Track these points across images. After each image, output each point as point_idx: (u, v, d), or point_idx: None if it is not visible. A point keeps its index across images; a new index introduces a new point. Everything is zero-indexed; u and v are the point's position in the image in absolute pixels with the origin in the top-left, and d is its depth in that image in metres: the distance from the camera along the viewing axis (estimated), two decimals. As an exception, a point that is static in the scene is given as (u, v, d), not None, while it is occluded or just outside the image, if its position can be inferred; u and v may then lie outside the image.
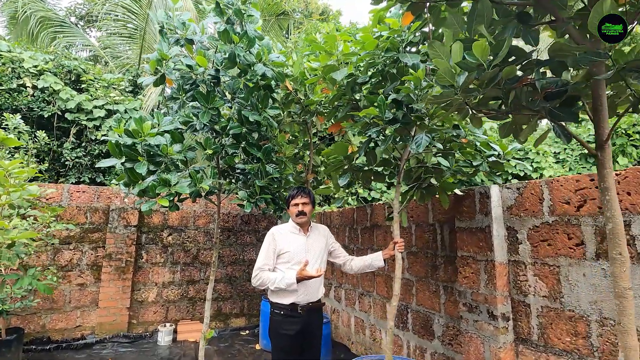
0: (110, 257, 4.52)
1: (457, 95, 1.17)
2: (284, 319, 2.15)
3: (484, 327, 2.30)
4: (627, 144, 6.98)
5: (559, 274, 2.00)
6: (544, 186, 2.12)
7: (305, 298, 2.19)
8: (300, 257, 2.24)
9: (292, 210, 2.32)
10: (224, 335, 4.92)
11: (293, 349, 2.14)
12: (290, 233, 2.31)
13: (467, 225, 2.50)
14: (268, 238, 2.29)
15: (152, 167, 2.63)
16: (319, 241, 2.39)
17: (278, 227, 2.36)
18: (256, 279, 2.21)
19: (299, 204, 2.30)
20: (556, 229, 2.04)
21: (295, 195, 2.33)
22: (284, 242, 2.25)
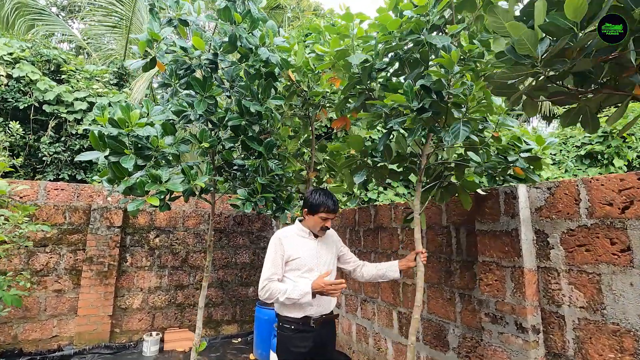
0: (91, 260, 4.16)
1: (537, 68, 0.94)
2: (295, 334, 1.90)
3: (511, 340, 2.10)
4: (623, 145, 6.98)
5: (600, 283, 1.81)
6: (581, 186, 1.93)
7: (319, 310, 1.95)
8: (311, 263, 1.99)
9: (316, 221, 2.03)
10: (215, 343, 4.62)
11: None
12: (298, 237, 2.06)
13: (490, 228, 2.30)
14: (274, 244, 2.01)
15: (140, 161, 2.33)
16: (330, 246, 2.15)
17: (283, 231, 2.10)
18: (264, 291, 1.93)
19: (329, 219, 2.04)
20: (596, 232, 1.85)
21: (331, 209, 2.01)
22: (293, 247, 2.00)
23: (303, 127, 3.54)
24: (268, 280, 1.93)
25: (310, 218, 2.05)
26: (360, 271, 2.29)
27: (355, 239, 4.03)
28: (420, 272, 1.97)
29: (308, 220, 2.06)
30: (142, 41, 2.30)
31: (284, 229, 2.12)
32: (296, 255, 1.98)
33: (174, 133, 2.51)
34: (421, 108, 1.60)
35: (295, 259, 1.97)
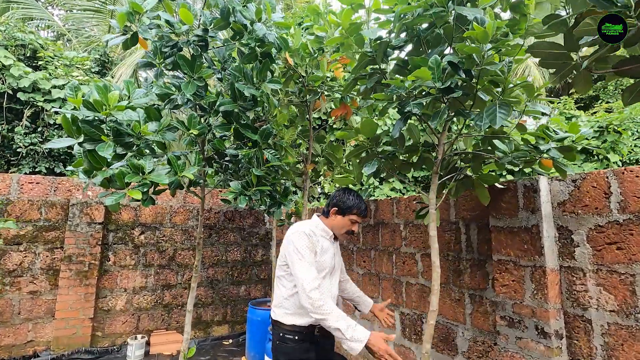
0: (69, 259, 3.87)
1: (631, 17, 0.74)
2: (298, 345, 1.68)
3: (531, 345, 1.93)
4: (619, 140, 6.95)
5: (634, 285, 1.64)
6: (612, 177, 1.76)
7: None
8: (331, 267, 1.81)
9: (345, 223, 1.82)
10: (205, 346, 4.38)
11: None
12: (321, 237, 1.81)
13: (507, 224, 2.12)
14: (304, 241, 1.69)
15: (120, 149, 2.07)
16: (338, 250, 1.99)
17: (306, 227, 1.79)
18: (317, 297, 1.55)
19: (358, 223, 1.86)
20: (629, 229, 1.68)
21: (364, 215, 1.86)
22: (318, 247, 1.74)
23: (300, 116, 3.31)
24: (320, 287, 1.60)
25: (338, 219, 1.83)
26: (344, 285, 2.15)
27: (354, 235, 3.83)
28: (436, 274, 1.78)
29: (336, 221, 1.83)
30: (121, 13, 2.03)
31: (303, 225, 1.82)
32: (320, 256, 1.74)
33: (158, 119, 2.25)
34: (447, 88, 1.39)
35: (318, 262, 1.73)
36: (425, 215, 1.98)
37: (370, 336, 1.48)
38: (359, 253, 3.72)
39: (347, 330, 1.49)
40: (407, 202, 3.14)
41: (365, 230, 3.64)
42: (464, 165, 2.05)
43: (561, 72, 1.01)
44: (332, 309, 1.54)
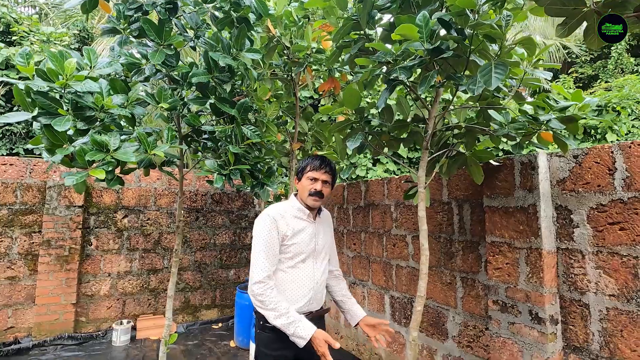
0: (48, 244, 3.71)
1: None
2: (278, 335, 1.55)
3: (524, 331, 1.83)
4: (617, 120, 6.80)
5: (637, 267, 1.52)
6: (617, 152, 1.61)
7: (309, 307, 1.61)
8: (309, 251, 1.62)
9: (304, 185, 1.63)
10: (193, 330, 4.30)
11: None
12: (294, 218, 1.64)
13: (502, 203, 1.98)
14: (267, 226, 1.55)
15: (81, 124, 1.89)
16: (327, 231, 1.78)
17: (276, 208, 1.65)
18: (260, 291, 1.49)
19: (319, 179, 1.61)
20: (635, 208, 1.54)
21: (317, 167, 1.61)
22: (289, 229, 1.58)
23: (286, 92, 3.11)
24: (267, 279, 1.50)
25: (300, 185, 1.66)
26: (332, 282, 1.87)
27: (344, 217, 3.70)
28: (424, 257, 1.64)
29: (299, 188, 1.66)
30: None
31: (276, 206, 1.67)
32: (292, 240, 1.58)
33: (125, 92, 2.06)
34: (437, 49, 1.22)
35: (291, 245, 1.58)
36: (415, 194, 1.84)
37: (314, 333, 1.44)
38: (349, 235, 3.61)
39: (289, 326, 1.45)
40: (398, 183, 3.00)
41: (356, 212, 3.51)
42: (456, 141, 1.89)
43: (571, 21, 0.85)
44: (275, 305, 1.47)
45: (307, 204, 1.62)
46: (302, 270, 1.58)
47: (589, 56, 12.75)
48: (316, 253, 1.64)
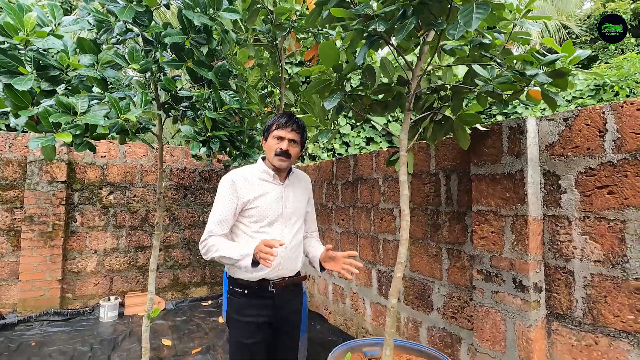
0: (31, 220, 3.64)
1: None
2: (249, 300, 1.51)
3: (507, 299, 1.79)
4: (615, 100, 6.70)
5: (624, 231, 1.47)
6: (608, 113, 1.53)
7: (280, 272, 1.55)
8: (274, 214, 1.55)
9: (270, 145, 1.55)
10: (182, 307, 4.29)
11: (260, 344, 1.52)
12: (259, 180, 1.58)
13: (489, 171, 1.91)
14: (224, 188, 1.54)
15: (45, 85, 1.78)
16: (301, 194, 1.69)
17: (240, 170, 1.61)
18: (202, 246, 1.52)
19: (284, 138, 1.53)
20: (624, 170, 1.48)
21: (283, 125, 1.53)
22: (250, 192, 1.53)
23: (272, 61, 2.99)
24: (209, 234, 1.51)
25: (266, 145, 1.59)
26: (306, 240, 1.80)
27: (333, 193, 3.64)
28: (405, 222, 1.58)
29: (266, 149, 1.59)
30: None
31: (241, 169, 1.63)
32: (255, 203, 1.53)
33: (95, 52, 1.94)
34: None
35: (254, 208, 1.53)
36: (397, 160, 1.76)
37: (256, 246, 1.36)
38: (338, 211, 3.55)
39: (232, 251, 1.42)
40: (387, 155, 2.92)
41: (344, 188, 3.45)
42: (442, 104, 1.80)
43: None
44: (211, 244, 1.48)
45: (274, 164, 1.55)
46: (270, 235, 1.51)
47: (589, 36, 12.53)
48: (284, 217, 1.56)
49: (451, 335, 2.27)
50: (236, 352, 1.51)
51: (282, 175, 1.61)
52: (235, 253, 1.41)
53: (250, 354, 1.49)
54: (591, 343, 1.56)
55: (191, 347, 3.18)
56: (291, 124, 1.53)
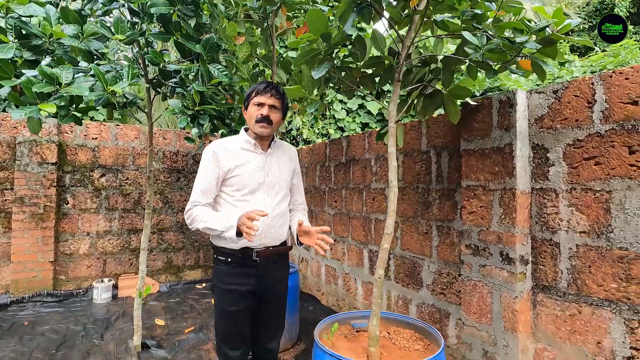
0: (22, 201, 3.61)
1: None
2: (232, 269, 1.52)
3: (494, 272, 1.80)
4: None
5: (610, 202, 1.48)
6: (597, 83, 1.52)
7: (263, 241, 1.55)
8: (255, 183, 1.55)
9: (251, 112, 1.55)
10: (176, 289, 4.31)
11: (244, 312, 1.53)
12: (240, 149, 1.58)
13: (479, 145, 1.91)
14: (207, 158, 1.55)
15: (28, 54, 1.74)
16: (284, 164, 1.68)
17: (221, 141, 1.60)
18: (187, 216, 1.53)
19: (265, 104, 1.53)
20: (611, 140, 1.48)
21: (262, 90, 1.54)
22: (232, 161, 1.54)
23: (263, 39, 2.94)
24: (194, 204, 1.52)
25: (247, 113, 1.59)
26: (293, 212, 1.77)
27: (326, 175, 3.63)
28: (392, 194, 1.58)
29: (247, 117, 1.59)
30: None
31: (222, 139, 1.63)
32: (236, 172, 1.53)
33: (79, 23, 1.89)
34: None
35: (234, 177, 1.53)
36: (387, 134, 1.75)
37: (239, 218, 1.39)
38: (331, 193, 3.55)
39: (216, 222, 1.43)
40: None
41: (337, 169, 3.44)
42: (432, 77, 1.79)
43: None
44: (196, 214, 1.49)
45: (255, 132, 1.55)
46: (252, 204, 1.51)
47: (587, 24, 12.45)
48: (266, 185, 1.56)
49: (440, 310, 2.30)
50: (220, 319, 1.53)
51: (264, 144, 1.61)
52: (220, 224, 1.42)
53: (234, 322, 1.50)
54: (575, 313, 1.58)
55: (184, 326, 3.20)
56: (270, 89, 1.53)
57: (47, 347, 2.75)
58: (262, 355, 1.65)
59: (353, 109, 6.31)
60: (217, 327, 1.56)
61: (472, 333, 1.91)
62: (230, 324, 1.50)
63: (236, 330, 1.52)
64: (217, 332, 1.57)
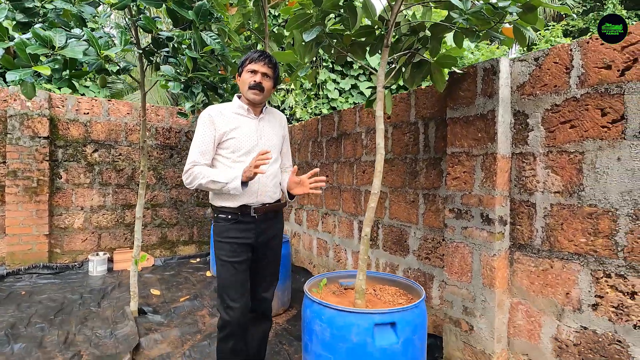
0: (15, 174, 3.63)
1: None
2: (233, 225, 1.59)
3: (475, 233, 1.91)
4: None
5: (582, 163, 1.57)
6: (575, 50, 1.60)
7: (260, 198, 1.63)
8: (249, 145, 1.62)
9: (244, 79, 1.62)
10: (171, 263, 4.40)
11: (243, 263, 1.61)
12: (234, 114, 1.65)
13: (463, 113, 1.98)
14: (202, 122, 1.61)
15: (20, 16, 1.75)
16: (276, 129, 1.76)
17: (216, 106, 1.68)
18: (186, 176, 1.60)
19: (257, 71, 1.60)
20: (586, 104, 1.56)
21: (256, 59, 1.60)
22: (226, 125, 1.61)
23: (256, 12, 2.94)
24: (193, 164, 1.58)
25: (240, 82, 1.66)
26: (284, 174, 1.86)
27: (318, 150, 3.70)
28: (380, 155, 1.65)
29: (240, 86, 1.66)
30: None
31: (216, 105, 1.70)
32: (231, 135, 1.60)
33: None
34: None
35: (229, 140, 1.60)
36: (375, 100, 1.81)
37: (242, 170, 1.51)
38: (323, 168, 3.62)
39: (220, 175, 1.52)
40: (370, 109, 2.96)
41: (329, 144, 3.50)
42: (420, 46, 1.84)
43: None
44: (198, 172, 1.56)
45: (248, 98, 1.62)
46: (247, 164, 1.58)
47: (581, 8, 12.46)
48: (260, 148, 1.63)
49: (425, 274, 2.41)
50: (222, 269, 1.61)
51: (256, 109, 1.67)
52: (223, 177, 1.51)
53: (235, 272, 1.58)
54: (547, 267, 1.70)
55: (179, 295, 3.30)
56: (264, 58, 1.60)
57: (45, 313, 2.83)
58: (258, 302, 1.74)
59: (346, 89, 6.33)
60: (219, 281, 1.63)
61: (453, 291, 2.02)
62: (232, 274, 1.58)
63: (238, 281, 1.59)
64: (219, 286, 1.64)
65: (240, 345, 1.61)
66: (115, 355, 2.21)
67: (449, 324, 2.05)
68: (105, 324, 2.66)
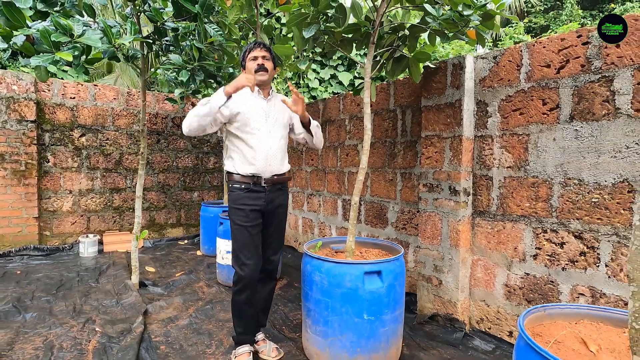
0: (2, 158, 3.65)
1: None
2: (246, 193, 1.85)
3: (444, 203, 2.28)
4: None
5: (528, 143, 1.96)
6: (525, 50, 1.97)
7: (269, 169, 1.89)
8: (259, 123, 1.87)
9: (249, 67, 1.87)
10: (160, 245, 4.56)
11: (255, 227, 1.87)
12: (246, 93, 1.90)
13: (435, 102, 2.33)
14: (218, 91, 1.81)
15: (41, 5, 1.90)
16: (282, 110, 2.00)
17: None
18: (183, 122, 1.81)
19: (258, 56, 1.86)
20: (531, 95, 1.94)
21: (253, 47, 1.88)
22: (239, 103, 1.84)
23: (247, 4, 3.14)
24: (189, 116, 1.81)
25: (247, 71, 1.90)
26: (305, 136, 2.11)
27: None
28: (367, 136, 1.96)
29: (247, 72, 1.90)
30: None
31: None
32: (239, 108, 1.83)
33: (83, -22, 2.05)
34: None
35: (238, 113, 1.83)
36: (362, 89, 2.11)
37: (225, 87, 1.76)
38: (308, 152, 3.91)
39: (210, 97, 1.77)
40: (352, 97, 3.27)
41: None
42: (400, 43, 2.15)
43: None
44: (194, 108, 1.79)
45: (257, 80, 1.85)
46: (257, 137, 1.83)
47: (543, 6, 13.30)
48: (269, 124, 1.88)
49: (401, 242, 2.78)
50: (237, 232, 1.86)
51: (265, 91, 1.92)
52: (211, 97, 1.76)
53: (249, 234, 1.84)
54: (500, 228, 2.09)
55: (174, 272, 3.51)
56: (258, 45, 1.89)
57: (46, 288, 2.97)
58: (267, 264, 2.02)
59: (325, 78, 6.59)
60: (235, 242, 1.88)
61: (425, 253, 2.40)
62: (246, 236, 1.84)
63: (252, 242, 1.85)
64: (235, 247, 1.89)
65: (251, 297, 1.89)
66: (126, 319, 2.42)
67: (422, 281, 2.43)
68: (108, 296, 2.85)
